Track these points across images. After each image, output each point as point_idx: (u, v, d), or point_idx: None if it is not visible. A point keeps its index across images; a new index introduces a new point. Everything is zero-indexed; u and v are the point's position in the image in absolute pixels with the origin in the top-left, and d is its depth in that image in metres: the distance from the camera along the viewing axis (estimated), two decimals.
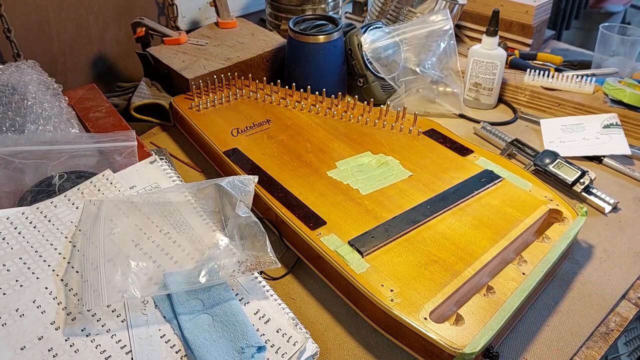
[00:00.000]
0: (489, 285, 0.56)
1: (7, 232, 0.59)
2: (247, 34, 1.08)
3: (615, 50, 1.08)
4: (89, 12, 1.07)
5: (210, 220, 0.62)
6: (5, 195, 0.66)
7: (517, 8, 1.16)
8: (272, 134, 0.83)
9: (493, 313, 0.53)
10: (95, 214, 0.61)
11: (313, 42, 0.93)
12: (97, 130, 0.81)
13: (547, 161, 0.81)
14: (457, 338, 0.50)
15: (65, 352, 0.48)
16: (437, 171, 0.74)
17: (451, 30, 0.99)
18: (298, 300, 0.62)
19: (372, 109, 0.89)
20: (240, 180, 0.64)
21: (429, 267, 0.58)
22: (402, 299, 0.54)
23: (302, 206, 0.67)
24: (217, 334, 0.50)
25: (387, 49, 0.99)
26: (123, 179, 0.68)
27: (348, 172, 0.74)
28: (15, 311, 0.51)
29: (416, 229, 0.64)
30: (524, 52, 1.16)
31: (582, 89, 0.98)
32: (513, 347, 0.56)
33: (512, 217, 0.66)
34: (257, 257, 0.56)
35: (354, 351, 0.56)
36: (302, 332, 0.52)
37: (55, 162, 0.70)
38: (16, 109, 0.76)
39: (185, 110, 0.89)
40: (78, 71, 1.11)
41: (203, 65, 0.96)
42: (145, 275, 0.54)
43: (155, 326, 0.51)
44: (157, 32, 1.03)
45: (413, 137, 0.83)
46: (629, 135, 0.90)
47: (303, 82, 0.94)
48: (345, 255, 0.59)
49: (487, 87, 1.00)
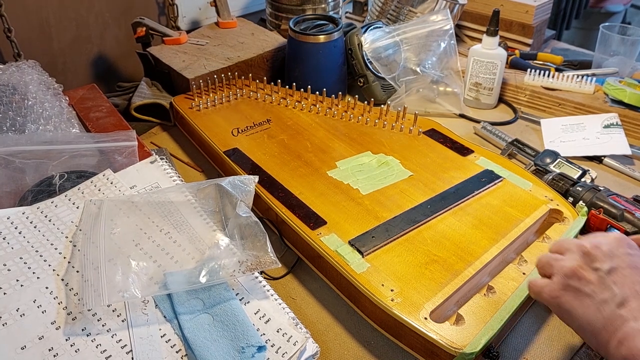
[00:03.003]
0: (489, 285, 0.56)
1: (7, 231, 0.59)
2: (247, 34, 1.08)
3: (615, 50, 1.08)
4: (89, 12, 1.07)
5: (211, 220, 0.62)
6: (6, 195, 0.66)
7: (517, 8, 1.16)
8: (272, 134, 0.83)
9: (493, 313, 0.53)
10: (95, 214, 0.61)
11: (313, 42, 0.93)
12: (97, 130, 0.81)
13: (548, 161, 0.81)
14: (458, 338, 0.50)
15: (65, 352, 0.48)
16: (437, 171, 0.74)
17: (451, 30, 0.99)
18: (298, 300, 0.62)
19: (373, 108, 0.89)
20: (240, 180, 0.64)
21: (429, 267, 0.58)
22: (402, 299, 0.54)
23: (302, 206, 0.67)
24: (218, 334, 0.50)
25: (387, 48, 0.99)
26: (123, 179, 0.68)
27: (348, 172, 0.74)
28: (16, 311, 0.51)
29: (416, 229, 0.64)
30: (524, 52, 1.16)
31: (583, 89, 0.98)
32: (513, 347, 0.56)
33: (512, 217, 0.66)
34: (257, 256, 0.56)
35: (354, 351, 0.57)
36: (302, 332, 0.52)
37: (55, 161, 0.70)
38: (17, 108, 0.76)
39: (185, 110, 0.89)
40: (78, 71, 1.11)
41: (203, 65, 0.96)
42: (145, 275, 0.54)
43: (155, 326, 0.51)
44: (158, 32, 1.03)
45: (413, 137, 0.83)
46: (629, 135, 0.90)
47: (303, 81, 0.94)
48: (345, 255, 0.59)
49: (488, 87, 1.00)
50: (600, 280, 0.43)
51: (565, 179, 0.75)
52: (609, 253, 0.44)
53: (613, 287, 0.42)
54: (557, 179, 0.75)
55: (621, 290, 0.42)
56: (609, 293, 0.42)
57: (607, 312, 0.42)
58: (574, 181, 0.75)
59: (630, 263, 0.44)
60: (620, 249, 0.45)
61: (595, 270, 0.44)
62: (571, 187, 0.73)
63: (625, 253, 0.44)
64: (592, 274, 0.44)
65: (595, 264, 0.44)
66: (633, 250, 0.45)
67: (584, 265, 0.44)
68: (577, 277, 0.44)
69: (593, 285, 0.43)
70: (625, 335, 0.40)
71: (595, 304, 0.42)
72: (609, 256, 0.44)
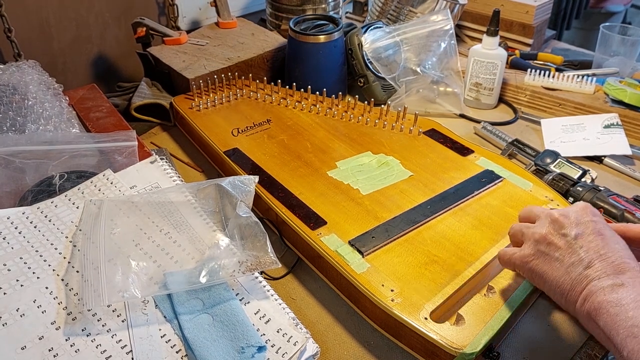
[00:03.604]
0: (489, 285, 0.56)
1: (7, 231, 0.59)
2: (247, 34, 1.08)
3: (615, 50, 1.08)
4: (89, 12, 1.07)
5: (211, 220, 0.62)
6: (6, 195, 0.66)
7: (517, 8, 1.15)
8: (272, 134, 0.83)
9: (493, 313, 0.53)
10: (95, 214, 0.61)
11: (313, 42, 0.93)
12: (97, 130, 0.81)
13: (548, 161, 0.81)
14: (458, 338, 0.50)
15: (65, 352, 0.48)
16: (437, 171, 0.74)
17: (452, 30, 0.99)
18: (298, 300, 0.62)
19: (373, 109, 0.89)
20: (240, 180, 0.64)
21: (429, 267, 0.58)
22: (402, 299, 0.54)
23: (302, 206, 0.67)
24: (218, 334, 0.50)
25: (387, 48, 0.99)
26: (123, 179, 0.68)
27: (348, 172, 0.74)
28: (16, 311, 0.51)
29: (416, 229, 0.64)
30: (525, 52, 1.16)
31: (583, 89, 0.98)
32: (513, 347, 0.56)
33: (512, 217, 0.66)
34: (257, 257, 0.56)
35: (355, 351, 0.56)
36: (302, 332, 0.52)
37: (55, 162, 0.70)
38: (17, 108, 0.76)
39: (185, 110, 0.89)
40: (78, 71, 1.11)
41: (203, 65, 0.96)
42: (145, 275, 0.54)
43: (155, 326, 0.51)
44: (158, 32, 1.03)
45: (413, 137, 0.83)
46: (629, 135, 0.90)
47: (303, 82, 0.94)
48: (345, 255, 0.59)
49: (488, 87, 1.00)
50: (568, 245, 0.47)
51: (565, 179, 0.75)
52: (576, 220, 0.49)
53: (579, 251, 0.47)
54: (558, 179, 0.75)
55: (587, 254, 0.46)
56: (576, 257, 0.46)
57: (575, 274, 0.46)
58: (574, 181, 0.75)
59: (594, 229, 0.48)
60: (585, 217, 0.49)
61: (563, 236, 0.48)
62: (571, 187, 0.73)
63: (590, 220, 0.49)
64: (561, 239, 0.48)
65: (563, 230, 0.48)
66: (597, 218, 0.49)
67: (553, 231, 0.49)
68: (547, 242, 0.48)
69: (562, 250, 0.47)
70: (589, 292, 0.44)
71: (564, 267, 0.47)
72: (576, 223, 0.48)
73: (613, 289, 0.43)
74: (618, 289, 0.42)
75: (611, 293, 0.42)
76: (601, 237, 0.47)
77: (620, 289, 0.42)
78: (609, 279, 0.43)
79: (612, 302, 0.42)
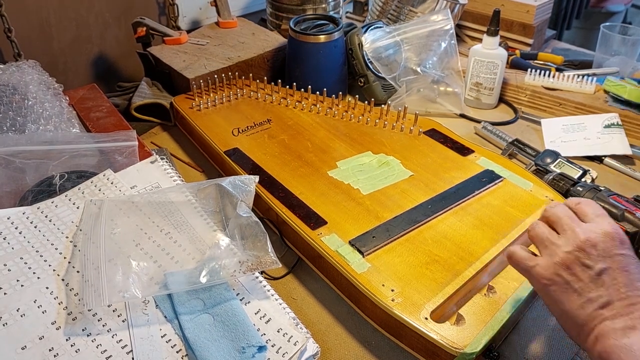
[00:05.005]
0: (489, 285, 0.56)
1: (7, 231, 0.59)
2: (247, 34, 1.08)
3: (616, 50, 1.08)
4: (89, 12, 1.07)
5: (211, 220, 0.62)
6: (6, 195, 0.66)
7: (518, 8, 1.15)
8: (272, 134, 0.83)
9: (494, 313, 0.53)
10: (96, 214, 0.61)
11: (314, 42, 0.93)
12: (97, 130, 0.81)
13: (548, 161, 0.81)
14: (458, 338, 0.50)
15: (66, 352, 0.48)
16: (438, 171, 0.74)
17: (452, 30, 0.99)
18: (299, 300, 0.62)
19: (373, 108, 0.89)
20: (241, 180, 0.64)
21: (429, 267, 0.58)
22: (403, 299, 0.54)
23: (302, 206, 0.67)
24: (218, 334, 0.50)
25: (387, 48, 0.99)
26: (124, 179, 0.68)
27: (349, 172, 0.74)
28: (16, 311, 0.51)
29: (417, 229, 0.64)
30: (525, 51, 1.16)
31: (583, 89, 0.98)
32: (513, 347, 0.56)
33: (513, 217, 0.66)
34: (258, 257, 0.56)
35: (355, 351, 0.56)
36: (302, 332, 0.52)
37: (56, 161, 0.70)
38: (17, 108, 0.76)
39: (185, 110, 0.89)
40: (78, 71, 1.11)
41: (204, 65, 0.96)
42: (146, 275, 0.54)
43: (156, 326, 0.51)
44: (158, 32, 1.03)
45: (414, 137, 0.83)
46: (629, 135, 0.90)
47: (304, 81, 0.94)
48: (346, 255, 0.59)
49: (488, 87, 1.00)
50: (590, 280, 0.44)
51: (565, 179, 0.75)
52: (603, 252, 0.45)
53: (601, 289, 0.44)
54: (558, 179, 0.75)
55: (608, 292, 0.43)
56: (596, 293, 0.44)
57: (590, 310, 0.43)
58: (574, 181, 0.75)
59: (621, 265, 0.44)
60: (613, 250, 0.45)
61: (587, 268, 0.44)
62: (572, 187, 0.73)
63: (617, 254, 0.45)
64: (584, 272, 0.44)
65: (588, 261, 0.45)
66: (625, 249, 0.46)
67: (576, 260, 0.45)
68: (569, 270, 0.45)
69: (582, 283, 0.44)
70: (601, 332, 0.42)
71: (581, 300, 0.44)
72: (603, 256, 0.45)
73: (625, 332, 0.41)
74: (630, 332, 0.41)
75: (622, 337, 0.41)
76: (626, 273, 0.44)
77: (632, 332, 0.41)
78: (622, 321, 0.42)
79: (623, 348, 0.41)
